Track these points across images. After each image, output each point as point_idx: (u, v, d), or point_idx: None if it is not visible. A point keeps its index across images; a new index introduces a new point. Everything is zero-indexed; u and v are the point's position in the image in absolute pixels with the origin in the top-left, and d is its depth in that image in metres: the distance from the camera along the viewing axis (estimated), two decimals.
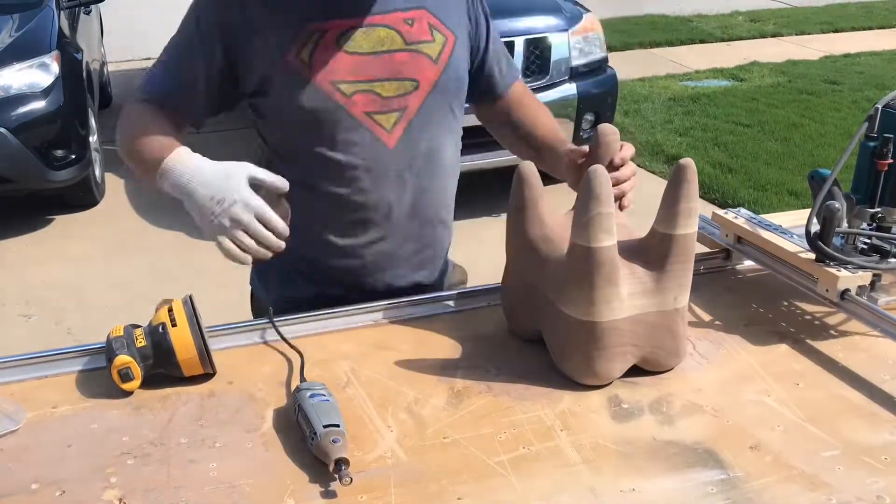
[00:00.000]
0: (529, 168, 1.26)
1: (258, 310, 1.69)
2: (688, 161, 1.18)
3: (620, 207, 1.38)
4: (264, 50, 1.39)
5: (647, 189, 5.05)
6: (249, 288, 1.78)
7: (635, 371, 1.26)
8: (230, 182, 1.27)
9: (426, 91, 1.45)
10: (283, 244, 1.26)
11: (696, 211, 1.19)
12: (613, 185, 1.28)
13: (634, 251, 1.23)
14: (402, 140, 1.44)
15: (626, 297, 1.18)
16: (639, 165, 5.51)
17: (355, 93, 1.40)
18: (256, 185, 1.27)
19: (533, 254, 1.26)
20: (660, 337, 1.22)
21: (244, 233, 1.25)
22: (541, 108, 1.65)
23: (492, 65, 1.60)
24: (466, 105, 1.59)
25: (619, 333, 1.18)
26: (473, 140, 1.80)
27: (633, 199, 1.40)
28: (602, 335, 1.18)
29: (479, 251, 2.76)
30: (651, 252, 1.21)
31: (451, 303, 1.46)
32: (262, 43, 1.39)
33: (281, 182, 1.28)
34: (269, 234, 1.25)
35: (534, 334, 1.30)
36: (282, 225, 1.26)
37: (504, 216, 1.32)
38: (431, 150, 1.49)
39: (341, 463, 1.01)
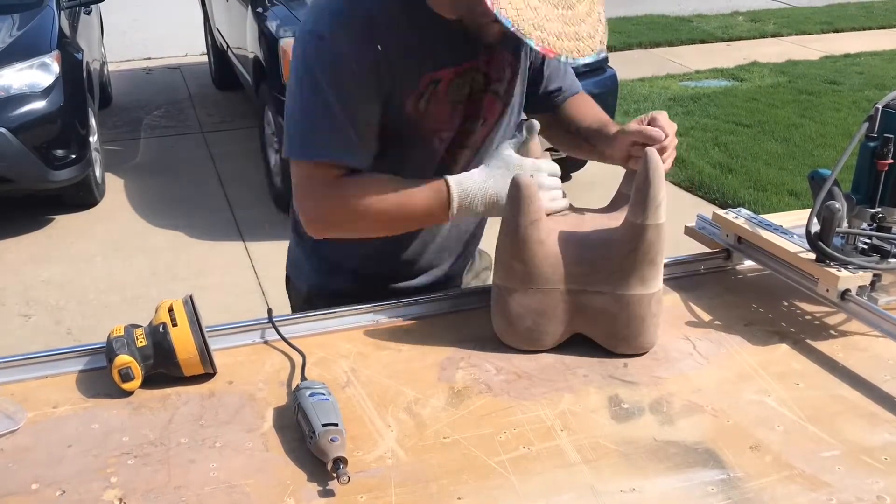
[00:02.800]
0: (527, 182, 1.25)
1: (293, 295, 1.81)
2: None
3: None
4: (392, 95, 1.37)
5: None
6: (280, 277, 1.93)
7: (635, 371, 1.26)
8: (507, 170, 1.37)
9: (490, 127, 1.51)
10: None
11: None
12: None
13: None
14: (464, 169, 1.46)
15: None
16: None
17: (448, 135, 1.46)
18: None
19: (558, 258, 1.27)
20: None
21: (548, 190, 1.36)
22: (586, 100, 1.67)
23: (549, 83, 1.62)
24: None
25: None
26: None
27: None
28: (661, 300, 1.31)
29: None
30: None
31: (450, 303, 1.46)
32: (390, 89, 1.37)
33: (530, 125, 1.38)
34: (553, 180, 1.38)
35: (544, 344, 1.30)
36: (547, 164, 1.39)
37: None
38: None
39: (339, 462, 1.01)
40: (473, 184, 1.38)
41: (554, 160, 1.41)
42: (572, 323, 1.30)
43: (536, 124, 1.38)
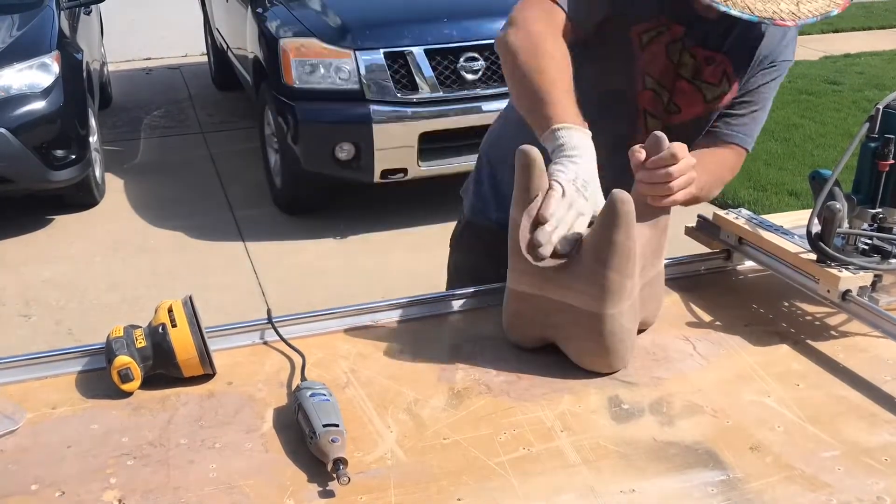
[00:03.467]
0: (535, 154, 1.21)
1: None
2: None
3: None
4: (624, 14, 1.49)
5: None
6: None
7: (635, 372, 1.26)
8: (588, 189, 1.24)
9: (683, 121, 1.55)
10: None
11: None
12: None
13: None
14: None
15: None
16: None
17: (648, 88, 1.55)
18: None
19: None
20: None
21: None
22: (717, 155, 1.56)
23: (720, 116, 1.59)
24: None
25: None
26: (471, 141, 1.81)
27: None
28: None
29: None
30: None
31: (450, 303, 1.46)
32: (626, 7, 1.48)
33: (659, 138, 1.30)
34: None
35: (537, 343, 1.30)
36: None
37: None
38: None
39: (340, 462, 1.01)
40: (576, 144, 1.27)
41: None
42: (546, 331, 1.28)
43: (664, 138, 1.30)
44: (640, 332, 1.32)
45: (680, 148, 1.26)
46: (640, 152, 1.28)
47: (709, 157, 1.51)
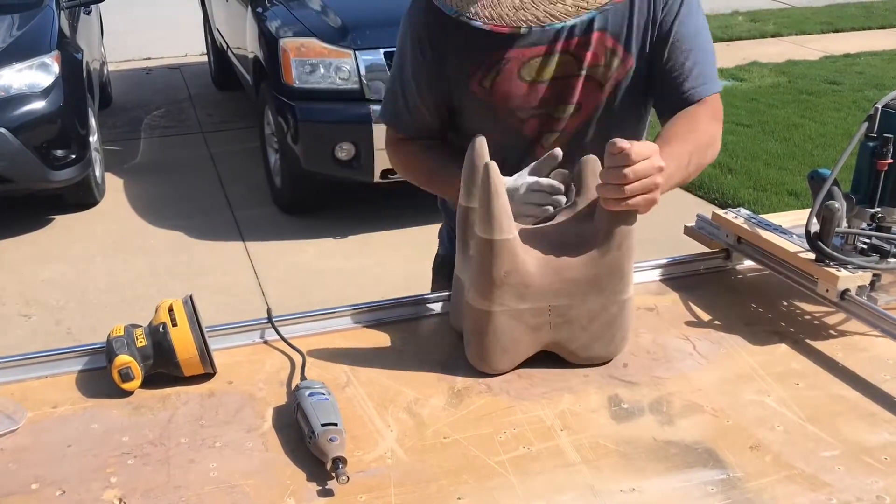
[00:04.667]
0: (481, 144, 1.25)
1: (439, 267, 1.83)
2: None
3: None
4: (455, 73, 1.49)
5: None
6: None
7: (635, 371, 1.26)
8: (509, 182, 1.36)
9: (587, 115, 1.50)
10: (563, 198, 1.33)
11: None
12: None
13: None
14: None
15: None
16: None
17: (531, 117, 1.49)
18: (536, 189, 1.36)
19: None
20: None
21: (541, 206, 1.34)
22: (691, 116, 1.45)
23: (676, 82, 1.47)
24: None
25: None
26: None
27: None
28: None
29: None
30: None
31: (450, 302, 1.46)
32: (454, 67, 1.49)
33: (552, 154, 1.36)
34: (550, 197, 1.33)
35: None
36: (548, 183, 1.34)
37: None
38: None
39: (339, 461, 1.01)
40: None
41: None
42: (542, 340, 1.28)
43: (558, 153, 1.34)
44: (601, 364, 1.28)
45: (642, 148, 1.16)
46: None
47: (681, 130, 1.42)
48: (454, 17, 1.32)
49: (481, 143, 1.24)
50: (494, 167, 1.16)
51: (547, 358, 1.28)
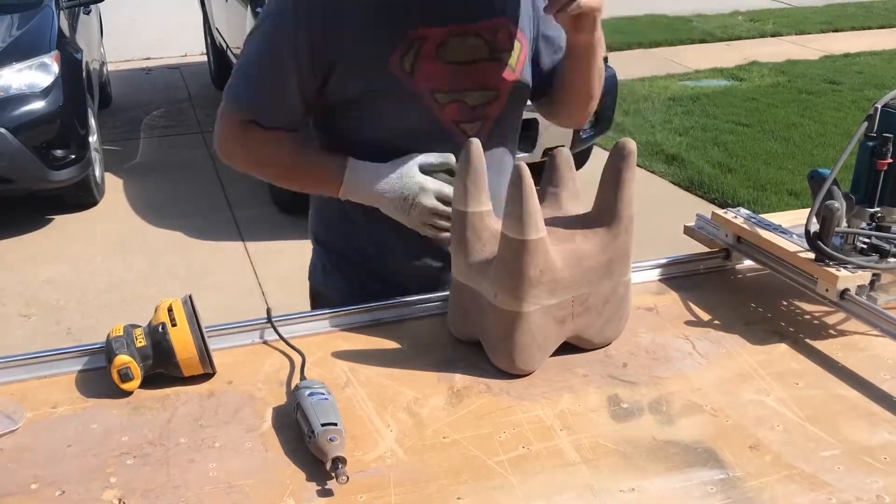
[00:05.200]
0: (476, 148, 1.23)
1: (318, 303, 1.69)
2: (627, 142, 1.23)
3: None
4: (363, 55, 1.38)
5: (646, 190, 5.06)
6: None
7: (635, 371, 1.26)
8: (404, 179, 1.40)
9: (505, 100, 1.47)
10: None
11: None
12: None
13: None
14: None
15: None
16: (638, 165, 5.51)
17: (449, 102, 1.43)
18: (429, 170, 1.41)
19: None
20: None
21: (437, 216, 1.41)
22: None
23: (545, 59, 1.53)
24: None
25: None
26: None
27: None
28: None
29: None
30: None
31: None
32: (361, 48, 1.37)
33: (449, 158, 1.38)
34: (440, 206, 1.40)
35: (471, 336, 1.32)
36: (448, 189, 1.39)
37: None
38: (503, 156, 1.53)
39: (338, 461, 1.01)
40: (365, 173, 1.42)
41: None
42: (566, 331, 1.29)
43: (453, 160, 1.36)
44: (595, 348, 1.30)
45: None
46: None
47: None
48: None
49: (477, 146, 1.23)
50: (526, 167, 1.16)
51: (547, 358, 1.28)
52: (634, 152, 1.24)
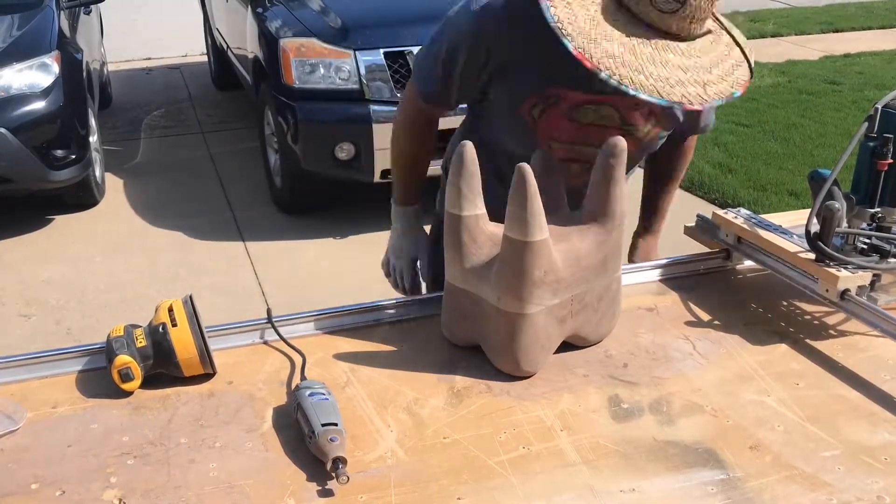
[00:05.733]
0: (470, 151, 1.24)
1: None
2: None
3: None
4: (510, 91, 1.53)
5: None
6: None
7: (635, 371, 1.26)
8: (401, 258, 1.88)
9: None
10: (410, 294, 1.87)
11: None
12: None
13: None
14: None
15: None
16: (639, 166, 5.50)
17: (562, 149, 1.54)
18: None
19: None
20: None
21: (399, 279, 1.89)
22: (679, 152, 1.80)
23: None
24: None
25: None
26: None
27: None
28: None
29: None
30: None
31: None
32: (512, 85, 1.52)
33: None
34: (406, 289, 1.89)
35: (468, 341, 1.31)
36: (411, 288, 1.89)
37: None
38: None
39: (339, 461, 1.01)
40: (399, 224, 1.86)
41: None
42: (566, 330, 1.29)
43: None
44: (590, 345, 1.31)
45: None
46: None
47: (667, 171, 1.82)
48: (610, 84, 1.27)
49: (470, 148, 1.23)
50: (529, 169, 1.16)
51: (547, 358, 1.28)
52: (625, 150, 1.24)
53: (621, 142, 1.24)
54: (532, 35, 1.41)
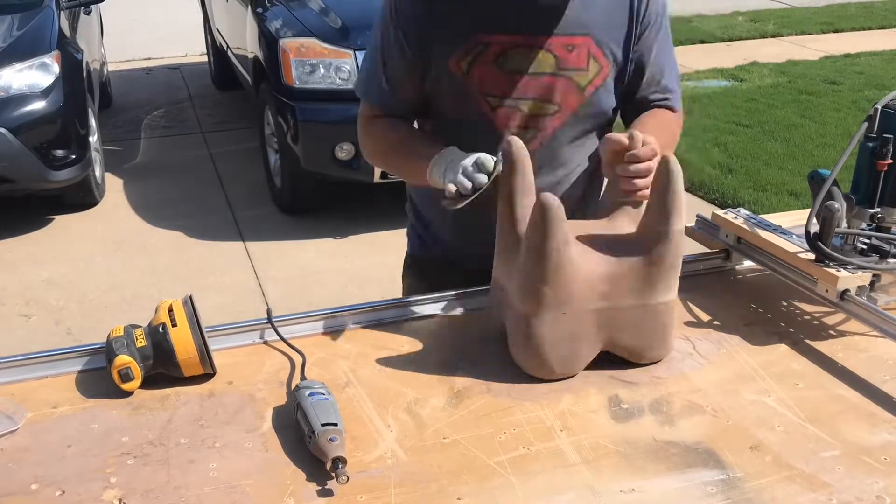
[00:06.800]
0: (520, 148, 1.24)
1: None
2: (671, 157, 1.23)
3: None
4: (437, 50, 1.47)
5: None
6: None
7: (635, 371, 1.26)
8: (446, 168, 1.39)
9: (565, 117, 1.49)
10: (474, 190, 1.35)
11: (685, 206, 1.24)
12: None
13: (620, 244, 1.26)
14: (533, 157, 1.38)
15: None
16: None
17: (501, 107, 1.47)
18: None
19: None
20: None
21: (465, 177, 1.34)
22: (661, 118, 1.56)
23: (645, 90, 1.56)
24: None
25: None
26: None
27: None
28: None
29: None
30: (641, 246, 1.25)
31: (451, 303, 1.46)
32: (436, 44, 1.47)
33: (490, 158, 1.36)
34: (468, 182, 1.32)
35: (577, 369, 1.28)
36: (479, 180, 1.33)
37: None
38: (561, 172, 1.55)
39: (338, 461, 1.01)
40: (446, 157, 1.41)
41: None
42: (600, 341, 1.26)
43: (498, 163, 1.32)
44: (636, 364, 1.28)
45: (650, 142, 1.31)
46: (616, 142, 1.31)
47: (660, 121, 1.53)
48: None
49: (519, 144, 1.24)
50: (552, 201, 1.16)
51: None
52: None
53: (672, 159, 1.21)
54: None
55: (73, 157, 4.66)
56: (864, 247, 1.37)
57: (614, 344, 1.26)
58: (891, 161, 1.34)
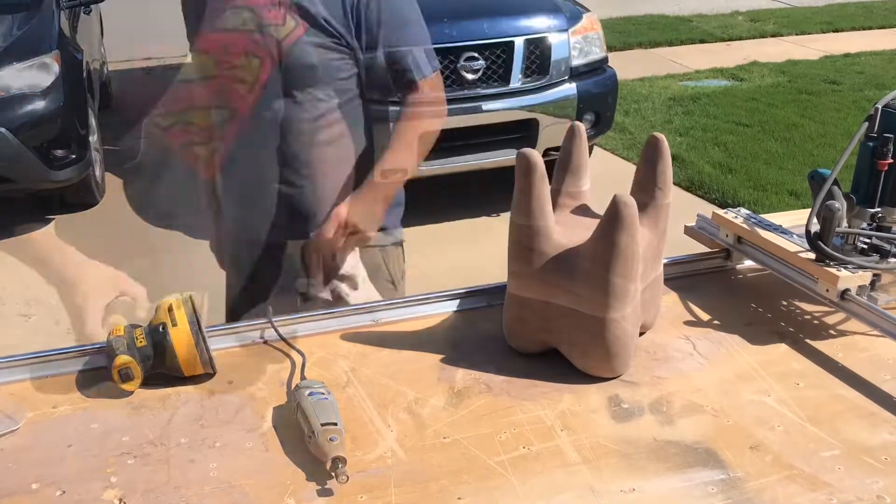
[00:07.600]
0: (533, 157, 1.22)
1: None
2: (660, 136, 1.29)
3: None
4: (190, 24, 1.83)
5: None
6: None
7: (635, 371, 1.26)
8: None
9: (270, 68, 1.72)
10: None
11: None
12: None
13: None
14: (254, 107, 1.72)
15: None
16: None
17: (214, 66, 1.77)
18: None
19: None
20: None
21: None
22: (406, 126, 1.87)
23: (392, 67, 1.83)
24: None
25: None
26: (471, 141, 1.84)
27: None
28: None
29: (479, 251, 2.76)
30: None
31: (451, 302, 1.46)
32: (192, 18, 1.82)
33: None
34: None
35: (539, 348, 1.29)
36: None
37: (504, 216, 1.32)
38: (279, 111, 1.76)
39: (338, 461, 1.01)
40: None
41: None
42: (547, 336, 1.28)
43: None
44: (640, 335, 1.32)
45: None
46: None
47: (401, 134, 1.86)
48: None
49: (535, 156, 1.22)
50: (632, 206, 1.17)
51: (547, 357, 1.28)
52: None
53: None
54: None
55: (73, 156, 4.66)
56: (865, 246, 1.37)
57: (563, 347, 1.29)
58: (891, 161, 1.34)
